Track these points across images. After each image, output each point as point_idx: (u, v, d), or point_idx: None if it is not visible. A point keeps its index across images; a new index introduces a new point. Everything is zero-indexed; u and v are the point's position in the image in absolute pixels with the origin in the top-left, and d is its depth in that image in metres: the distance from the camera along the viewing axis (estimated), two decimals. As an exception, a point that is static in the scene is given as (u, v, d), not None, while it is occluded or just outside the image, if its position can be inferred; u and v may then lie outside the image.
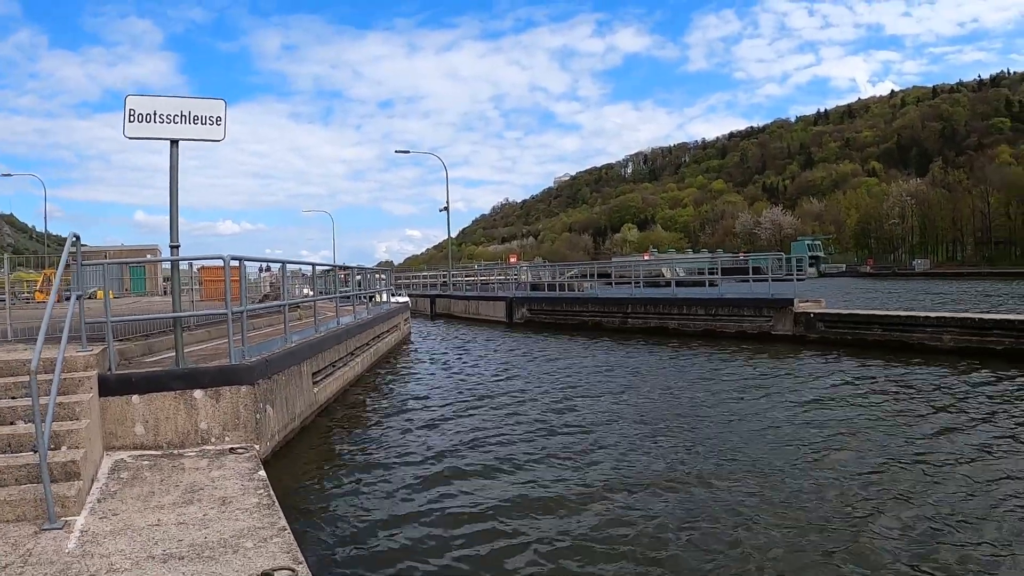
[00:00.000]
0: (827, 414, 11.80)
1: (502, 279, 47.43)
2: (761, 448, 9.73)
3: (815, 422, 11.20)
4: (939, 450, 9.33)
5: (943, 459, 8.85)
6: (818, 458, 9.16)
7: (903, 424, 10.89)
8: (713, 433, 10.74)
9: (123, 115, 8.53)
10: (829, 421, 11.25)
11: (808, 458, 9.17)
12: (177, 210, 9.11)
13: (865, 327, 20.13)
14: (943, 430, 10.39)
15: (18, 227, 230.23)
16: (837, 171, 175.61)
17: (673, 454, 9.63)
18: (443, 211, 50.01)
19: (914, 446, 9.58)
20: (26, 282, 26.99)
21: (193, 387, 8.43)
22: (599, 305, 30.47)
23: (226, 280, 9.71)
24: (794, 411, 12.08)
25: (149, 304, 18.90)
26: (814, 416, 11.64)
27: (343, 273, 24.91)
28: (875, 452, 9.33)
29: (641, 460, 9.39)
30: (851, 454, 9.32)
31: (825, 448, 9.64)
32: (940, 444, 9.67)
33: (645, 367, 18.05)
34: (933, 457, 8.96)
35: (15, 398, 7.11)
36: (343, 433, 11.53)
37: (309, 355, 12.10)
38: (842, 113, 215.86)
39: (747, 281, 27.88)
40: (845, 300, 38.12)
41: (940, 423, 10.86)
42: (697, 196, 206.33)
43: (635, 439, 10.52)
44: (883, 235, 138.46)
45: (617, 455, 9.67)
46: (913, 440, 9.89)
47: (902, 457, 9.03)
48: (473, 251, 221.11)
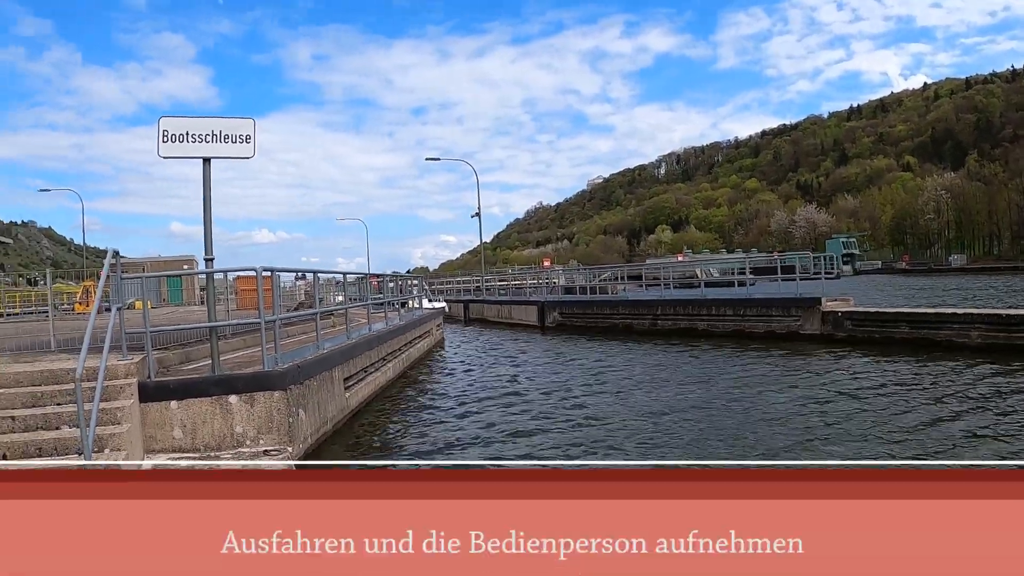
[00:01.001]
0: (847, 411, 11.99)
1: (535, 283, 47.72)
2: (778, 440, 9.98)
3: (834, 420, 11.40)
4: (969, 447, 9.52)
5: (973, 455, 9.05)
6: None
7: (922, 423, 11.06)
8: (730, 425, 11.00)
9: (157, 136, 8.97)
10: (851, 417, 11.44)
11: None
12: (211, 224, 9.54)
13: (892, 325, 20.16)
14: (970, 434, 10.51)
15: (56, 240, 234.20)
16: (871, 167, 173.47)
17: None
18: (475, 217, 50.87)
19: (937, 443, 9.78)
20: (65, 294, 27.73)
21: (229, 393, 8.82)
22: (629, 307, 30.66)
23: (259, 290, 10.11)
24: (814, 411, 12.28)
25: (186, 314, 19.40)
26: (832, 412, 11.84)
27: (375, 280, 25.32)
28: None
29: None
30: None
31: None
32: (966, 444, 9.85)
33: (668, 369, 18.27)
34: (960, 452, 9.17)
35: (60, 404, 7.54)
36: (373, 436, 11.88)
37: (340, 361, 12.47)
38: (875, 108, 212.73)
39: (776, 281, 27.96)
40: (876, 298, 37.97)
41: (969, 424, 10.95)
42: (731, 195, 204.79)
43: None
44: (918, 231, 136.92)
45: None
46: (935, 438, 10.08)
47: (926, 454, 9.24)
48: (508, 255, 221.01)
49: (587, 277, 44.62)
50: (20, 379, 8.06)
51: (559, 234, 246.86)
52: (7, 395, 7.70)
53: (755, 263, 42.88)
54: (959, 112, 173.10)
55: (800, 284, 24.90)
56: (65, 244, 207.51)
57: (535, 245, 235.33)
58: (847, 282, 55.72)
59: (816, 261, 27.22)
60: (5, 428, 7.21)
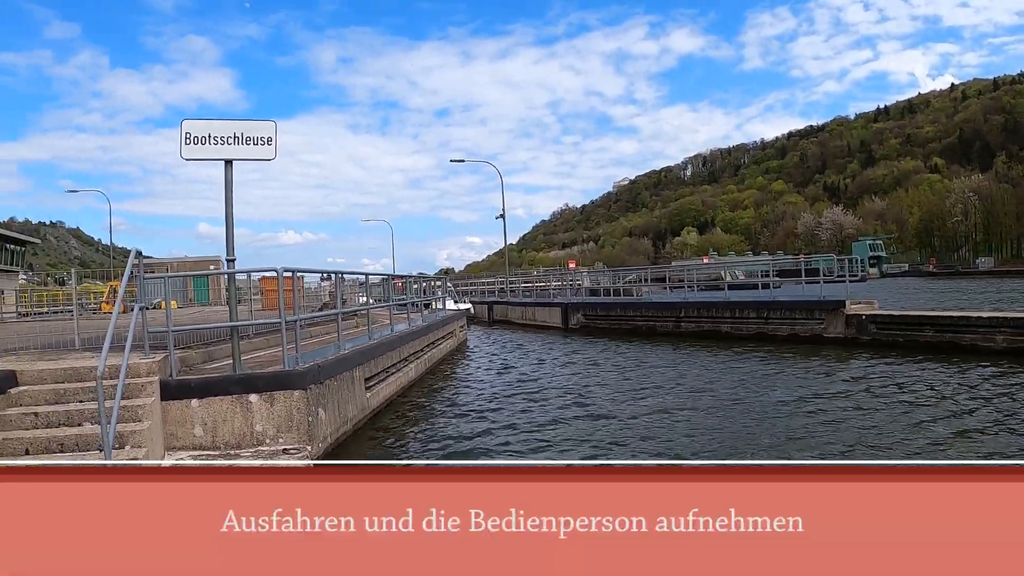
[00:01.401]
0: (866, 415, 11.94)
1: (559, 285, 47.70)
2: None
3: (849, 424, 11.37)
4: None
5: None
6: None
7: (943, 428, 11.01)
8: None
9: (179, 138, 9.09)
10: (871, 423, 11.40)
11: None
12: (233, 225, 9.68)
13: (917, 328, 19.94)
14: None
15: (84, 240, 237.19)
16: (899, 168, 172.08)
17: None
18: (499, 218, 51.07)
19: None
20: (93, 294, 28.04)
21: (249, 392, 8.93)
22: (653, 310, 30.57)
23: (279, 291, 10.26)
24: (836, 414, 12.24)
25: (211, 314, 19.56)
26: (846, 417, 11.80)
27: (399, 282, 25.42)
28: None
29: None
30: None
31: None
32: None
33: (691, 372, 18.24)
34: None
35: (82, 402, 7.68)
36: (393, 436, 11.91)
37: (361, 361, 12.55)
38: (902, 109, 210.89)
39: (800, 284, 27.77)
40: (902, 301, 37.64)
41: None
42: (757, 197, 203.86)
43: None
44: (946, 233, 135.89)
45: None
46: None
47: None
48: (534, 257, 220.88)
49: (611, 279, 44.47)
50: (44, 377, 8.21)
51: (585, 236, 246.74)
52: (31, 392, 7.84)
53: (780, 266, 42.60)
54: (987, 113, 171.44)
55: (824, 287, 24.73)
56: (93, 244, 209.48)
57: (561, 247, 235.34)
58: (873, 285, 55.42)
59: (841, 264, 27.01)
60: (28, 424, 7.35)
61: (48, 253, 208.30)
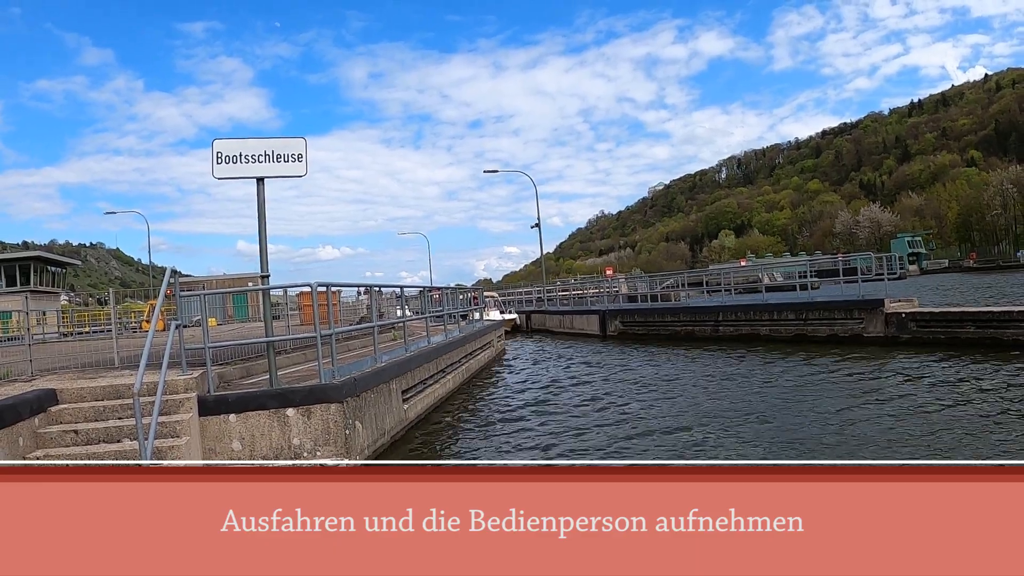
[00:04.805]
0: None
1: (596, 292, 47.57)
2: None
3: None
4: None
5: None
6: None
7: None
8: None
9: (211, 158, 9.21)
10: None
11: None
12: (266, 242, 9.77)
13: (958, 325, 19.57)
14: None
15: (124, 260, 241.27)
16: (935, 163, 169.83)
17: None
18: (534, 228, 51.33)
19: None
20: (134, 312, 28.40)
21: (286, 406, 9.01)
22: (690, 314, 30.32)
23: (314, 305, 10.32)
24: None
25: (250, 330, 19.71)
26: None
27: (436, 293, 25.49)
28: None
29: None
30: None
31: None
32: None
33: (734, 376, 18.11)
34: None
35: (121, 419, 7.78)
36: (431, 447, 11.94)
37: (398, 373, 12.59)
38: (936, 102, 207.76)
39: (838, 283, 27.46)
40: (942, 297, 37.13)
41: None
42: (793, 198, 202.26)
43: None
44: (985, 227, 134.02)
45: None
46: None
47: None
48: (571, 265, 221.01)
49: (649, 285, 44.27)
50: (83, 394, 8.32)
51: (622, 242, 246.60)
52: (71, 410, 7.95)
53: (818, 266, 42.14)
54: (1022, 103, 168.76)
55: (862, 286, 24.48)
56: (133, 264, 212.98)
57: (598, 254, 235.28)
58: (912, 282, 54.74)
59: (879, 262, 26.70)
60: (68, 442, 7.44)
61: (89, 274, 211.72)
